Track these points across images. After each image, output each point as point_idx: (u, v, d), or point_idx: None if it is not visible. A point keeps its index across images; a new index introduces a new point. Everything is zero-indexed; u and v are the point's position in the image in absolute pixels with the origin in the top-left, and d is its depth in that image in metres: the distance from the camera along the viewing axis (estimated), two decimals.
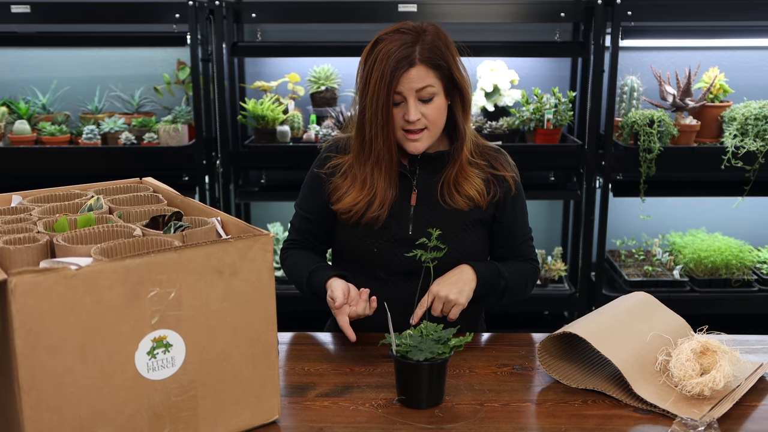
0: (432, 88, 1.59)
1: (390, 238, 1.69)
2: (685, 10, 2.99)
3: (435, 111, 1.61)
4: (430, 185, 1.70)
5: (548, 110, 3.04)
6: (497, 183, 1.72)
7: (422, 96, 1.60)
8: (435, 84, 1.60)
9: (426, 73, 1.58)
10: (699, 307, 3.11)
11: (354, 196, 1.68)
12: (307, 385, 1.45)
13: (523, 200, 1.80)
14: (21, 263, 1.16)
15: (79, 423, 1.09)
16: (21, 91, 3.32)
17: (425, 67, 1.58)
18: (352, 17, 3.09)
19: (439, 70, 1.59)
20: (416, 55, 1.57)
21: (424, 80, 1.58)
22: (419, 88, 1.58)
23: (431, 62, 1.58)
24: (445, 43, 1.62)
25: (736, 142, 3.00)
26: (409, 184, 1.70)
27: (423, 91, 1.59)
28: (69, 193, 1.52)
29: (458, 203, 1.69)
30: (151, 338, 1.13)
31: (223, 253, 1.18)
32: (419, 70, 1.57)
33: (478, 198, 1.69)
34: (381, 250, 1.69)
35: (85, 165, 3.07)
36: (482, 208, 1.70)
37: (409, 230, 1.68)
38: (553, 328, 1.52)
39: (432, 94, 1.60)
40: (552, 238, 3.60)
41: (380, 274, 1.71)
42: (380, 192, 1.66)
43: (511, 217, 1.76)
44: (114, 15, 3.01)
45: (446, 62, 1.60)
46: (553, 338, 1.47)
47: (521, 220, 1.79)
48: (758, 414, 1.36)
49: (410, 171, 1.71)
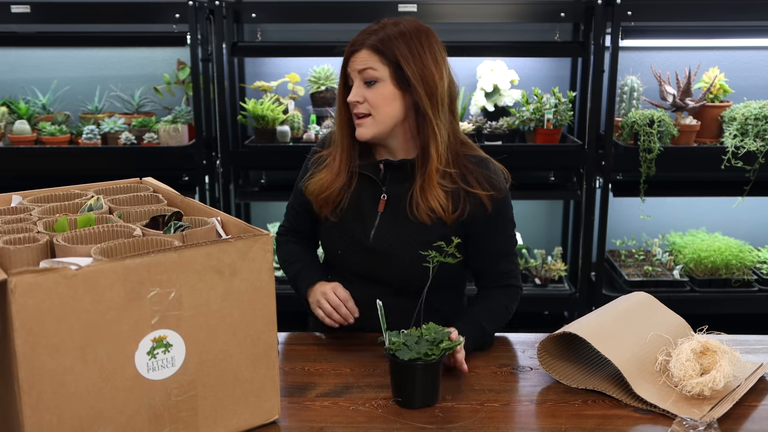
0: (374, 71, 1.61)
1: (353, 242, 1.69)
2: (685, 10, 2.99)
3: (378, 97, 1.62)
4: (399, 194, 1.67)
5: (548, 110, 3.04)
6: (468, 200, 1.64)
7: (365, 77, 1.62)
8: (379, 69, 1.61)
9: (369, 56, 1.61)
10: (699, 307, 3.11)
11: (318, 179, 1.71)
12: (307, 385, 1.45)
13: (504, 219, 1.69)
14: (21, 263, 1.16)
15: (79, 423, 1.09)
16: (21, 91, 3.32)
17: (370, 51, 1.62)
18: (352, 17, 3.08)
19: (384, 56, 1.61)
20: (366, 41, 1.62)
21: (366, 62, 1.61)
22: (361, 69, 1.62)
23: (376, 48, 1.61)
24: (409, 38, 1.62)
25: (736, 142, 3.00)
26: (380, 189, 1.69)
27: (365, 72, 1.62)
28: (69, 193, 1.52)
29: (422, 216, 1.63)
30: (151, 338, 1.13)
31: (223, 253, 1.18)
32: (364, 53, 1.62)
33: (440, 212, 1.62)
34: (344, 252, 1.70)
35: (85, 165, 3.07)
36: (446, 223, 1.64)
37: (371, 237, 1.67)
38: (553, 328, 1.52)
39: (374, 77, 1.61)
40: (552, 238, 3.60)
41: (347, 275, 1.72)
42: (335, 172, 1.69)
43: (486, 238, 1.67)
44: (114, 15, 3.01)
45: (393, 51, 1.60)
46: (553, 338, 1.47)
47: (500, 240, 1.70)
48: (758, 414, 1.36)
49: (382, 177, 1.69)
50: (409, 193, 1.65)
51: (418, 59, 1.61)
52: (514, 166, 1.67)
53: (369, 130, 1.65)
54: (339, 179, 1.69)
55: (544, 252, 3.39)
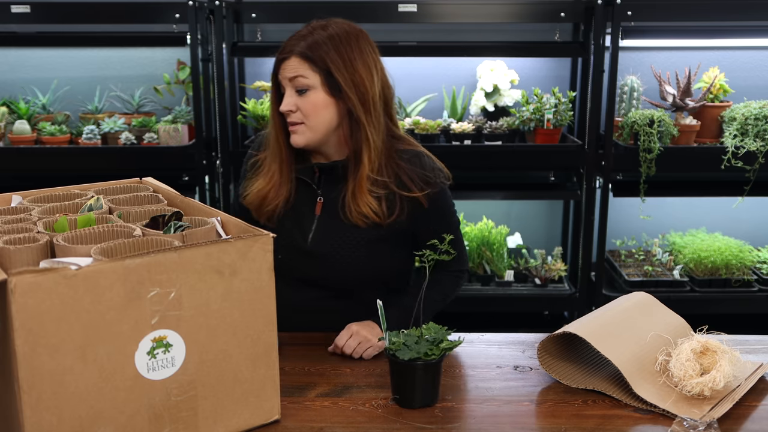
0: (305, 79, 1.60)
1: (292, 246, 1.69)
2: (685, 10, 2.99)
3: (309, 104, 1.61)
4: (334, 196, 1.67)
5: (548, 110, 3.04)
6: (405, 202, 1.65)
7: (296, 86, 1.62)
8: (309, 76, 1.60)
9: (299, 64, 1.60)
10: (699, 307, 3.11)
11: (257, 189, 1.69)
12: (307, 385, 1.45)
13: (443, 211, 1.71)
14: (21, 263, 1.16)
15: (79, 423, 1.09)
16: (21, 91, 3.32)
17: (299, 58, 1.60)
18: (352, 17, 3.04)
19: (314, 63, 1.60)
20: (296, 48, 1.61)
21: (296, 70, 1.60)
22: (291, 77, 1.61)
23: (305, 55, 1.60)
24: (339, 43, 1.61)
25: (736, 142, 3.00)
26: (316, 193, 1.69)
27: (295, 80, 1.61)
28: (69, 193, 1.52)
29: (355, 219, 1.63)
30: (151, 338, 1.13)
31: (223, 253, 1.18)
32: (294, 61, 1.61)
33: (373, 217, 1.62)
34: (284, 256, 1.66)
35: (85, 165, 3.07)
36: (382, 226, 1.64)
37: (309, 241, 1.67)
38: (553, 328, 1.52)
39: (305, 85, 1.61)
40: (552, 238, 3.60)
41: (287, 279, 1.70)
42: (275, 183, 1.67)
43: (428, 232, 1.67)
44: (114, 15, 3.01)
45: (323, 58, 1.59)
46: (553, 338, 1.47)
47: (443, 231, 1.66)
48: (758, 414, 1.36)
49: (317, 180, 1.69)
50: (341, 196, 1.65)
51: (348, 65, 1.60)
52: (514, 166, 1.67)
53: (303, 138, 1.64)
54: (282, 192, 1.67)
55: (544, 252, 3.39)
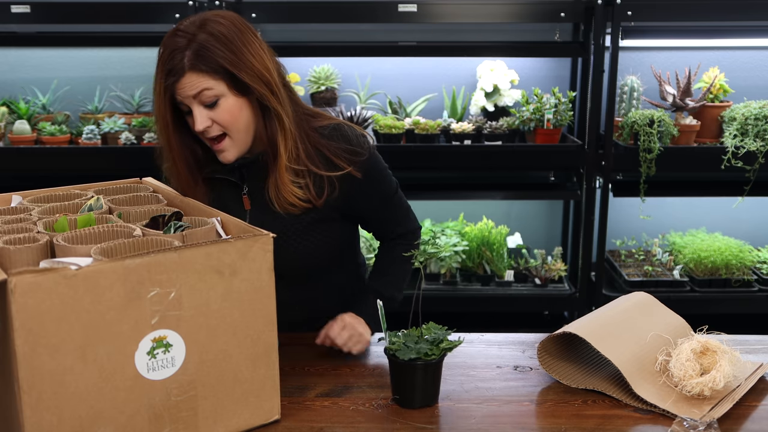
0: (211, 91, 1.46)
1: None
2: (685, 10, 2.99)
3: (225, 114, 1.48)
4: (260, 188, 1.61)
5: (548, 110, 3.04)
6: (334, 181, 1.58)
7: (203, 101, 1.47)
8: (214, 86, 1.46)
9: (197, 78, 1.45)
10: (699, 307, 3.11)
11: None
12: (307, 385, 1.45)
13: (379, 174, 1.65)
14: (21, 263, 1.16)
15: (79, 423, 1.09)
16: (21, 91, 3.32)
17: (194, 73, 1.44)
18: (352, 17, 3.09)
19: (212, 71, 1.45)
20: (185, 63, 1.44)
21: (196, 86, 1.45)
22: (194, 94, 1.46)
23: (198, 67, 1.44)
24: (225, 38, 1.46)
25: (736, 142, 3.00)
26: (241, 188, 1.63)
27: (201, 95, 1.46)
28: (69, 193, 1.52)
29: (287, 209, 1.58)
30: (151, 338, 1.13)
31: (223, 253, 1.18)
32: (189, 78, 1.45)
33: (302, 204, 1.57)
34: None
35: (85, 165, 3.07)
36: (319, 208, 1.59)
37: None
38: (553, 328, 1.52)
39: (214, 96, 1.47)
40: (552, 238, 3.60)
41: None
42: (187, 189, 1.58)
43: (370, 201, 1.65)
44: (114, 15, 3.01)
45: (218, 62, 1.45)
46: (553, 338, 1.47)
47: (383, 196, 1.67)
48: (758, 414, 1.36)
49: (238, 176, 1.62)
50: (265, 188, 1.58)
51: (243, 57, 1.47)
52: (514, 166, 1.67)
53: (233, 152, 1.54)
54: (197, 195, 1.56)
55: (544, 252, 3.39)
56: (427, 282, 3.22)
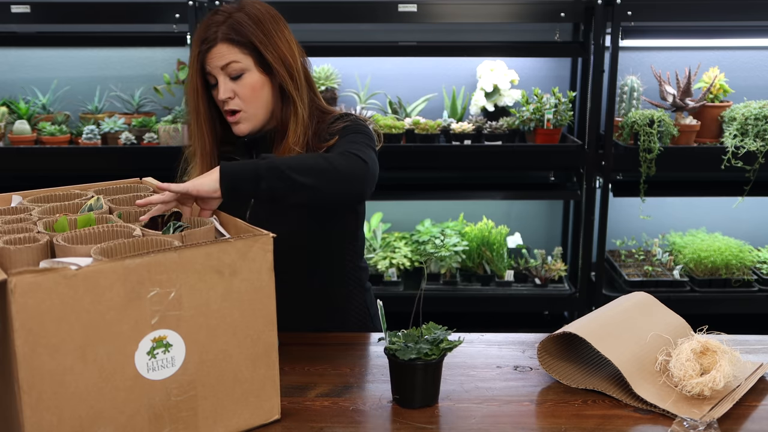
0: (238, 63, 1.57)
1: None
2: (685, 10, 2.99)
3: (247, 88, 1.58)
4: None
5: (548, 110, 3.04)
6: None
7: (229, 73, 1.58)
8: (242, 59, 1.57)
9: (228, 49, 1.57)
10: (699, 307, 3.11)
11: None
12: (307, 385, 1.45)
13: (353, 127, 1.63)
14: (21, 263, 1.16)
15: (79, 423, 1.09)
16: (21, 91, 3.32)
17: (227, 44, 1.57)
18: (352, 17, 3.09)
19: (242, 45, 1.57)
20: (219, 34, 1.56)
21: (226, 57, 1.57)
22: (223, 65, 1.57)
23: (232, 39, 1.56)
24: (258, 20, 1.58)
25: (736, 142, 3.00)
26: None
27: (228, 67, 1.57)
28: (69, 193, 1.52)
29: None
30: (151, 338, 1.13)
31: (223, 253, 1.18)
32: (221, 48, 1.57)
33: None
34: None
35: (85, 165, 3.07)
36: None
37: (246, 218, 1.64)
38: (553, 328, 1.52)
39: (240, 70, 1.58)
40: (552, 238, 3.60)
41: None
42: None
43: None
44: (114, 15, 3.01)
45: (249, 38, 1.57)
46: (553, 338, 1.47)
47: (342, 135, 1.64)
48: (758, 414, 1.36)
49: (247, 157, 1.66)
50: None
51: (272, 40, 1.59)
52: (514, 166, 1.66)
53: (247, 126, 1.62)
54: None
55: (544, 252, 3.39)
56: (427, 282, 3.22)
